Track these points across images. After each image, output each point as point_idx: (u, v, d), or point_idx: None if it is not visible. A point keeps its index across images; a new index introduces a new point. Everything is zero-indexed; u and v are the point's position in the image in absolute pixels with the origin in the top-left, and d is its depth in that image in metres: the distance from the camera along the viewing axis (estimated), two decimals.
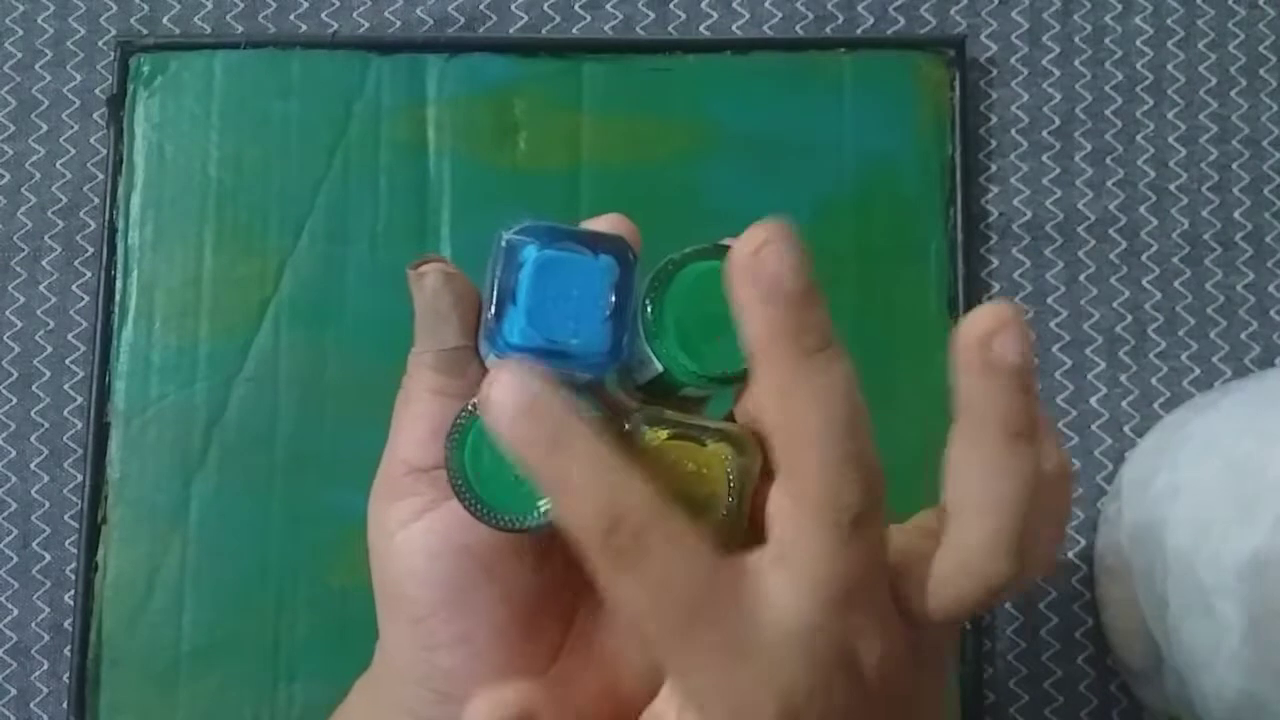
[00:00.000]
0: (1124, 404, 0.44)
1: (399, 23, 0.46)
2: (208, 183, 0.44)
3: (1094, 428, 0.44)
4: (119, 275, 0.44)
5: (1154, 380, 0.44)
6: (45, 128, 0.46)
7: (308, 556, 0.42)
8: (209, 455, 0.43)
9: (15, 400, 0.44)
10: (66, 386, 0.44)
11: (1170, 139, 0.46)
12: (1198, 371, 0.44)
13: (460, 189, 0.44)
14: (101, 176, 0.45)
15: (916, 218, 0.44)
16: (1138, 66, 0.46)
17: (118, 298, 0.43)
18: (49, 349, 0.44)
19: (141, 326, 0.43)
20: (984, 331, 0.22)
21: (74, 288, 0.45)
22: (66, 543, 0.43)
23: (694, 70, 0.45)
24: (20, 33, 0.46)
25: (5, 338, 0.45)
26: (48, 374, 0.44)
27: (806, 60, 0.45)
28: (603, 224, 0.27)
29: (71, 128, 0.46)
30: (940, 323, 0.43)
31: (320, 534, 0.42)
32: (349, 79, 0.45)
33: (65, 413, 0.44)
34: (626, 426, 0.25)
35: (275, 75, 0.45)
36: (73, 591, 0.42)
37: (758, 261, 0.23)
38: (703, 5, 0.46)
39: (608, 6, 0.46)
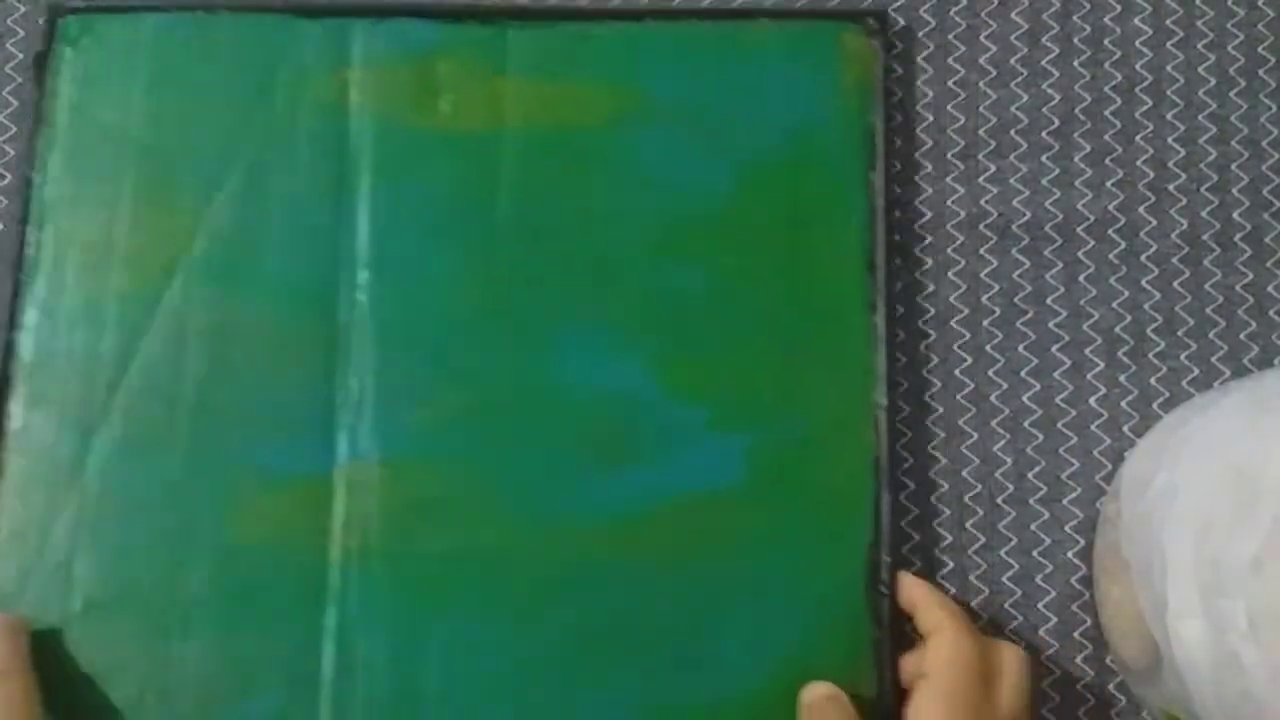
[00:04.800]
0: (1123, 404, 0.43)
1: None
2: (128, 142, 0.43)
3: (1093, 427, 0.43)
4: (32, 229, 0.42)
5: (1153, 380, 0.43)
6: None
7: (206, 513, 0.41)
8: (113, 409, 0.41)
9: None
10: None
11: (1169, 140, 0.45)
12: (1197, 371, 0.43)
13: (380, 150, 0.43)
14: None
15: (839, 184, 0.43)
16: (1137, 67, 0.45)
17: (30, 251, 0.42)
18: None
19: (53, 280, 0.42)
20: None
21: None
22: None
23: (619, 36, 0.44)
24: None
25: None
26: None
27: (732, 28, 0.44)
28: None
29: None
30: (861, 286, 0.43)
31: (221, 490, 0.41)
32: (275, 42, 0.44)
33: None
34: None
35: (202, 37, 0.44)
36: None
37: None
38: None
39: None
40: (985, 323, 0.44)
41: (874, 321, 0.42)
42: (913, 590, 0.40)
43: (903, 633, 0.40)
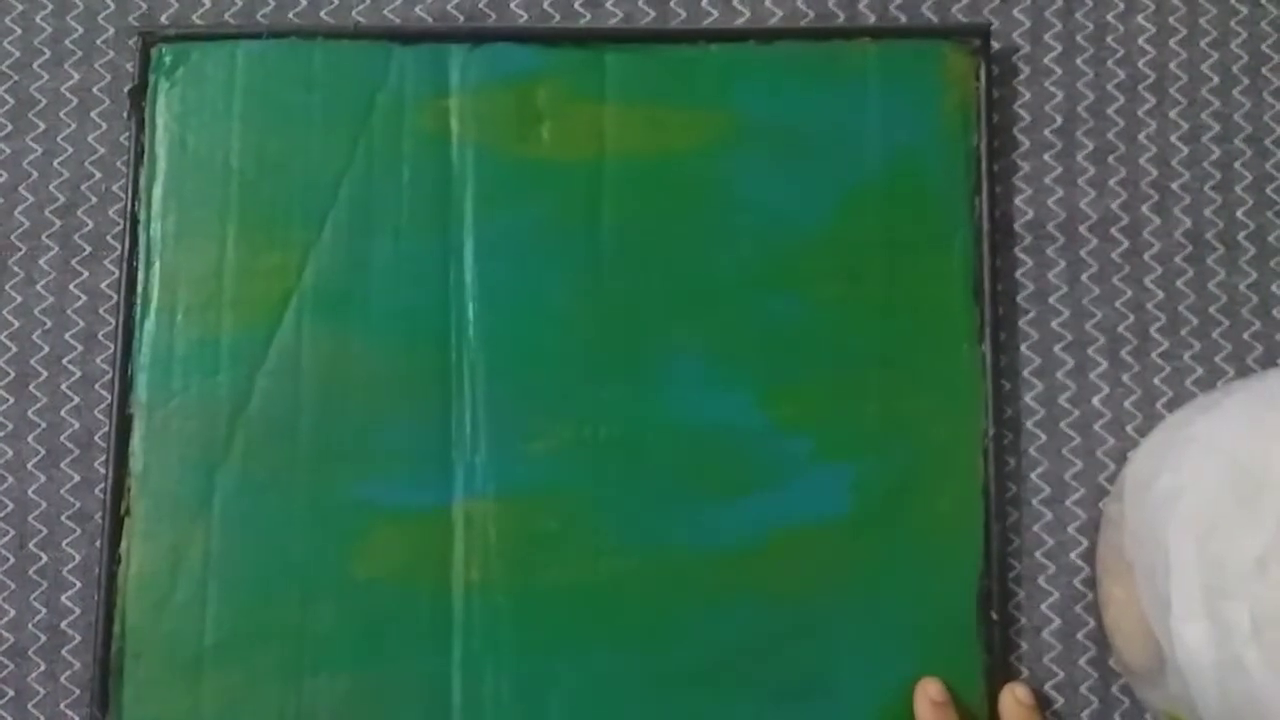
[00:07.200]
0: (1126, 404, 0.42)
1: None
2: (230, 174, 0.42)
3: (1096, 428, 0.42)
4: (141, 267, 0.42)
5: (1156, 380, 0.42)
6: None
7: (331, 548, 0.40)
8: (232, 447, 0.41)
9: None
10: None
11: (1173, 138, 0.44)
12: (1200, 371, 0.43)
13: (483, 179, 0.42)
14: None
15: (942, 208, 0.42)
16: (1140, 65, 0.44)
17: (139, 290, 0.41)
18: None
19: (164, 319, 0.41)
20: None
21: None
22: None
23: (718, 59, 0.43)
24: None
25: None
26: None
27: (831, 49, 0.43)
28: None
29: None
30: (966, 312, 0.41)
31: (344, 525, 0.40)
32: (371, 69, 0.42)
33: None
34: None
35: (297, 65, 0.42)
36: (70, 591, 0.41)
37: None
38: (703, 4, 0.44)
39: (608, 5, 0.44)
40: None
41: (981, 350, 0.41)
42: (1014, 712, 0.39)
43: (1010, 662, 0.41)
